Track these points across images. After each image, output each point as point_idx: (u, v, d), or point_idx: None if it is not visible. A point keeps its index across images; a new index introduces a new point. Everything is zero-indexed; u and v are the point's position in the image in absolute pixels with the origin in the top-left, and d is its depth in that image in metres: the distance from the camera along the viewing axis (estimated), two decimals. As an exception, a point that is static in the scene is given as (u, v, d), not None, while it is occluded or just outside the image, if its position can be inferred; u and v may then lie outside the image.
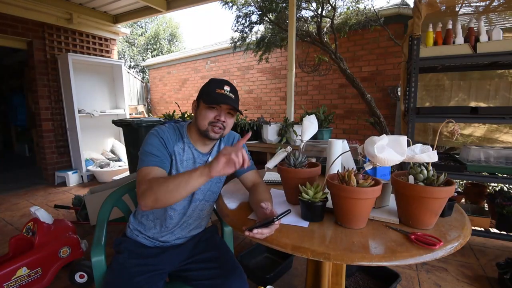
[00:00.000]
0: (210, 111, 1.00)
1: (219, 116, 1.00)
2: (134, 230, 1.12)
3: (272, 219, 0.76)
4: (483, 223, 1.91)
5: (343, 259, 0.69)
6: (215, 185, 1.15)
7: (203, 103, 1.01)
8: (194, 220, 1.14)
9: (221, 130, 1.03)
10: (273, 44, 3.97)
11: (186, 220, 1.11)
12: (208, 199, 1.14)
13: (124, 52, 12.46)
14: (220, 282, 0.97)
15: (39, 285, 1.61)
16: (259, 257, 1.97)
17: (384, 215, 0.89)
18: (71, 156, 4.20)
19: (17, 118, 5.92)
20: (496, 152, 1.79)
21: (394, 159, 0.75)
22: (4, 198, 3.41)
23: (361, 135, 4.37)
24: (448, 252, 0.71)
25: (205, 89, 1.04)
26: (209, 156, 1.12)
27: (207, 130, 1.01)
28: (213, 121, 1.00)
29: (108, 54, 4.67)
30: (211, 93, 1.00)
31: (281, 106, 5.38)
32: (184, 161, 1.06)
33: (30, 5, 3.55)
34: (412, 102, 1.83)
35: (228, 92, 1.02)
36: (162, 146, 1.01)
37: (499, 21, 2.14)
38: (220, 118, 1.00)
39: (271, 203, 0.95)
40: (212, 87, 1.02)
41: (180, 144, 1.06)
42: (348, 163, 1.26)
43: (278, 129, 2.53)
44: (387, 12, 3.85)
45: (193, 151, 1.08)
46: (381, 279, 1.70)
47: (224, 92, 1.00)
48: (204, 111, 1.01)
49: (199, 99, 1.05)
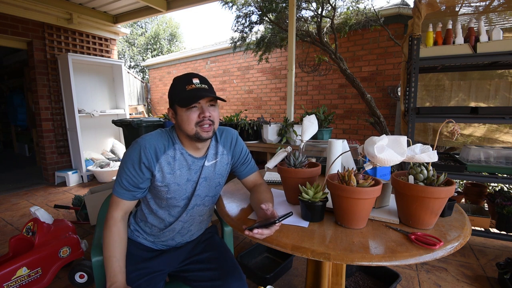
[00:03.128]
0: (191, 112, 0.91)
1: (203, 113, 0.91)
2: (134, 231, 1.11)
3: (273, 220, 0.76)
4: (483, 223, 1.91)
5: (343, 259, 0.69)
6: (214, 190, 1.09)
7: (181, 107, 0.92)
8: (195, 225, 1.12)
9: (211, 127, 0.94)
10: (273, 44, 3.97)
11: (185, 227, 1.08)
12: (206, 204, 1.09)
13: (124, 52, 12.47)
14: (220, 283, 0.97)
15: (39, 285, 1.61)
16: (259, 257, 1.97)
17: (384, 215, 0.89)
18: (71, 156, 4.20)
19: (17, 118, 5.92)
20: (496, 152, 1.79)
21: (394, 159, 0.75)
22: (4, 198, 3.41)
23: (361, 135, 4.37)
24: (448, 252, 0.71)
25: (174, 92, 0.94)
26: (204, 160, 1.03)
27: (197, 132, 0.92)
28: (199, 121, 0.91)
29: (108, 54, 4.67)
30: (182, 93, 0.91)
31: (281, 106, 5.38)
32: (177, 170, 0.97)
33: (30, 5, 3.56)
34: (412, 102, 1.83)
35: (200, 84, 0.93)
36: (140, 170, 0.92)
37: (499, 21, 2.14)
38: (205, 115, 0.91)
39: (272, 203, 0.95)
40: (180, 86, 0.93)
41: (170, 152, 0.97)
42: (348, 163, 1.26)
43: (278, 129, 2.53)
44: (387, 12, 3.85)
45: (186, 157, 0.99)
46: (381, 279, 1.70)
47: (195, 87, 0.92)
48: (186, 115, 0.91)
49: (172, 104, 0.95)
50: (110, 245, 0.91)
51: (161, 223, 1.06)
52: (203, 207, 1.08)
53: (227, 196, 1.17)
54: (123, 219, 0.96)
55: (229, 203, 1.08)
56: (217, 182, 1.09)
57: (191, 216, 1.07)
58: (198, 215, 1.09)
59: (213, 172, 1.06)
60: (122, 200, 0.94)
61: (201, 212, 1.10)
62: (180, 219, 1.05)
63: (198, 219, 1.11)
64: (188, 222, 1.08)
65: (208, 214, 1.16)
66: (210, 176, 1.05)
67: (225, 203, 1.08)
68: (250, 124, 2.63)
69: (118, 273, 0.89)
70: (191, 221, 1.08)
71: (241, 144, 1.14)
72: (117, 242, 0.92)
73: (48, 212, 1.85)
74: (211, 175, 1.05)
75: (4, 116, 6.66)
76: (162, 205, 1.03)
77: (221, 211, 1.03)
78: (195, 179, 1.02)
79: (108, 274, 0.89)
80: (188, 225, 1.09)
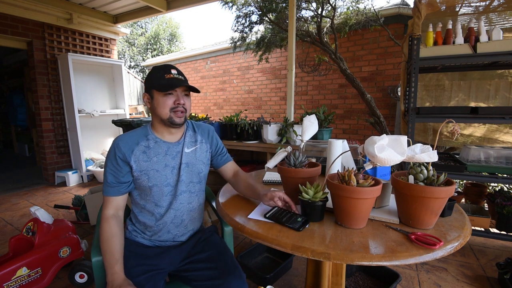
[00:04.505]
0: (167, 98, 1.00)
1: (178, 100, 1.01)
2: (132, 231, 1.13)
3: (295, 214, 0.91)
4: (483, 223, 1.91)
5: (343, 258, 0.69)
6: (197, 176, 1.14)
7: (158, 92, 1.01)
8: (187, 214, 1.13)
9: (183, 114, 1.04)
10: (273, 44, 3.97)
11: (178, 215, 1.10)
12: (192, 191, 1.13)
13: (124, 52, 12.47)
14: (220, 282, 0.97)
15: (39, 285, 1.61)
16: (259, 257, 1.97)
17: (384, 215, 0.89)
18: (71, 156, 4.20)
19: (17, 118, 5.92)
20: (496, 152, 1.79)
21: (394, 159, 0.75)
22: (4, 198, 3.41)
23: (361, 135, 4.37)
24: (448, 252, 0.71)
25: (153, 78, 1.03)
26: (182, 144, 1.11)
27: (170, 117, 1.01)
28: (173, 107, 1.01)
29: (108, 54, 4.68)
30: (161, 80, 1.00)
31: (281, 106, 5.38)
32: (153, 157, 1.05)
33: (30, 5, 3.56)
34: (412, 102, 1.83)
35: (177, 75, 1.03)
36: (117, 164, 1.01)
37: (499, 21, 2.14)
38: (180, 102, 1.01)
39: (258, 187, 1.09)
40: (159, 74, 1.02)
41: (143, 142, 1.05)
42: (348, 163, 1.26)
43: (278, 129, 2.53)
44: (387, 12, 3.85)
45: (160, 145, 1.07)
46: (381, 279, 1.70)
47: (174, 76, 1.01)
48: (162, 100, 1.00)
49: (149, 89, 1.04)
50: (103, 242, 0.98)
51: (152, 217, 1.08)
52: (189, 194, 1.12)
53: (226, 196, 1.17)
54: (114, 216, 1.02)
55: (229, 203, 1.09)
56: (200, 169, 1.15)
57: (180, 204, 1.10)
58: (187, 202, 1.12)
59: (194, 158, 1.13)
60: (110, 197, 1.02)
61: (190, 200, 1.13)
62: (172, 207, 1.08)
63: (188, 206, 1.13)
64: (180, 211, 1.10)
65: (198, 204, 1.17)
66: (192, 161, 1.12)
67: (225, 203, 1.08)
68: (250, 124, 2.63)
69: (114, 265, 0.94)
70: (182, 209, 1.11)
71: (217, 137, 1.26)
72: (109, 238, 0.98)
73: (48, 212, 1.85)
74: (193, 161, 1.13)
75: (4, 116, 6.67)
76: (147, 198, 1.07)
77: (221, 211, 1.03)
78: (175, 165, 1.09)
79: (106, 269, 0.94)
80: (180, 213, 1.11)
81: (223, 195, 1.19)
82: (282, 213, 0.91)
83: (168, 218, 1.09)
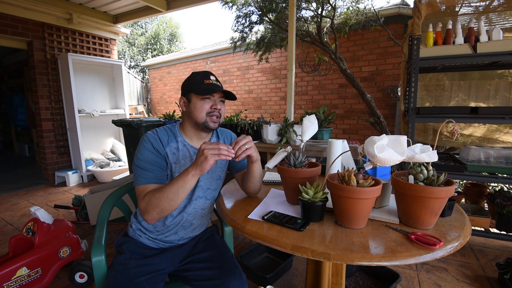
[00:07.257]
0: (205, 102, 1.03)
1: (215, 105, 1.04)
2: (136, 230, 1.12)
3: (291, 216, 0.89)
4: (483, 223, 1.91)
5: (343, 259, 0.69)
6: (215, 183, 1.15)
7: (196, 95, 1.03)
8: (197, 219, 1.14)
9: (218, 119, 1.07)
10: (273, 44, 3.97)
11: (188, 219, 1.11)
12: (208, 197, 1.14)
13: (124, 52, 12.46)
14: (220, 282, 0.97)
15: (39, 285, 1.61)
16: (259, 257, 1.97)
17: (384, 215, 0.89)
18: (71, 156, 4.20)
19: (17, 118, 5.92)
20: (496, 152, 1.79)
21: (394, 159, 0.75)
22: (4, 198, 3.41)
23: (361, 135, 4.37)
24: (448, 252, 0.71)
25: (192, 83, 1.05)
26: None
27: (206, 121, 1.04)
28: (210, 111, 1.04)
29: (108, 54, 4.67)
30: (200, 85, 1.03)
31: (281, 106, 5.38)
32: (181, 160, 1.06)
33: (30, 5, 3.56)
34: (412, 102, 1.83)
35: (215, 81, 1.06)
36: (154, 155, 1.01)
37: (499, 21, 2.14)
38: (217, 107, 1.04)
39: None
40: (198, 79, 1.05)
41: (173, 144, 1.07)
42: (348, 163, 1.26)
43: (278, 129, 2.53)
44: (387, 12, 3.85)
45: (188, 149, 1.09)
46: (381, 279, 1.70)
47: (212, 82, 1.05)
48: (200, 103, 1.03)
49: (188, 93, 1.06)
50: (166, 189, 0.91)
51: (162, 219, 1.07)
52: (205, 200, 1.13)
53: (227, 196, 1.17)
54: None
55: (229, 203, 1.08)
56: (218, 176, 1.16)
57: (194, 209, 1.10)
58: (200, 208, 1.13)
59: (214, 165, 1.12)
60: (146, 185, 0.97)
61: (204, 206, 1.13)
62: (185, 211, 1.08)
63: (201, 212, 1.14)
64: (192, 215, 1.11)
65: (209, 210, 1.19)
66: (212, 168, 1.12)
67: (225, 203, 1.08)
68: (250, 124, 2.63)
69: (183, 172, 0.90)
70: (194, 214, 1.11)
71: None
72: (160, 189, 0.93)
73: (48, 212, 1.85)
74: (213, 168, 1.13)
75: (4, 116, 6.66)
76: None
77: (221, 211, 1.03)
78: None
79: (186, 177, 0.89)
80: (191, 218, 1.11)
81: (223, 195, 1.19)
82: (280, 215, 0.91)
83: (180, 220, 1.09)
